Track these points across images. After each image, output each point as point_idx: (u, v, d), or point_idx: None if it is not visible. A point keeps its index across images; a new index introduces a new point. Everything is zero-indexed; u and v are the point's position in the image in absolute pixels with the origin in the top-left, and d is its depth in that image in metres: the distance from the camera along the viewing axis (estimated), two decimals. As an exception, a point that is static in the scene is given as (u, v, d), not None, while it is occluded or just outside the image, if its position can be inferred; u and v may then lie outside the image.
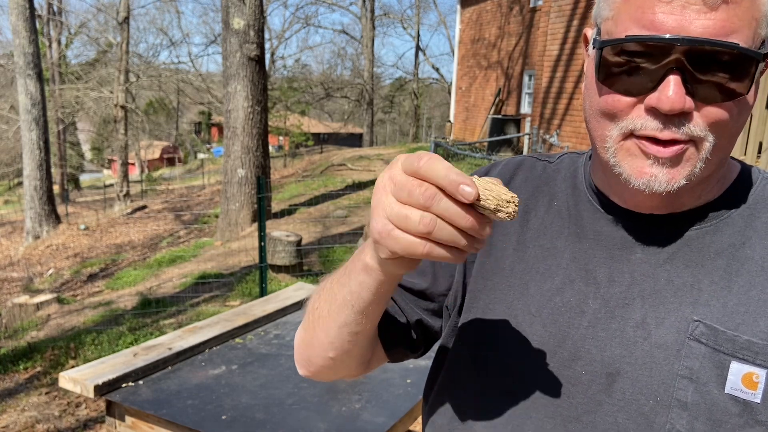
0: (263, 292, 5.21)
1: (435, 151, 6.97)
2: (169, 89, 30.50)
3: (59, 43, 24.32)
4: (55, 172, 19.92)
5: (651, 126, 0.59)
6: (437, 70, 38.08)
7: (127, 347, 4.07)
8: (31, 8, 12.05)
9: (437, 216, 0.51)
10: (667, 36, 0.57)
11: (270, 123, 14.11)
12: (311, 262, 7.12)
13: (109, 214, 16.39)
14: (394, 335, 0.81)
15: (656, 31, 0.57)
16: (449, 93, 23.92)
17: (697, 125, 0.59)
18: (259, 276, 5.49)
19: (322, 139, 31.57)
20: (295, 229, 7.95)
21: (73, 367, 3.54)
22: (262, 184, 5.45)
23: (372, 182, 11.85)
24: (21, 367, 4.68)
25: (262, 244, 5.34)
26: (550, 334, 0.69)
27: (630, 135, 0.62)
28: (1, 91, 23.61)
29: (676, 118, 0.59)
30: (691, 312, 0.63)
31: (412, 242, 0.52)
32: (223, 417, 1.85)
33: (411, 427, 3.05)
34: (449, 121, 19.14)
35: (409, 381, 2.12)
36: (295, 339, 0.85)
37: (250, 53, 9.00)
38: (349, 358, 0.76)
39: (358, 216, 9.16)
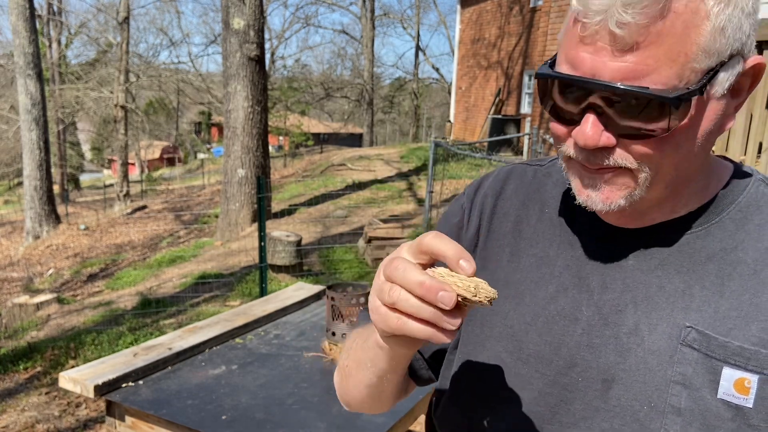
0: (263, 292, 5.21)
1: (435, 151, 6.96)
2: (169, 89, 30.49)
3: (59, 43, 24.31)
4: (55, 172, 19.92)
5: (580, 157, 0.62)
6: (437, 70, 38.10)
7: (127, 347, 4.07)
8: (31, 8, 12.05)
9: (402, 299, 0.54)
10: (577, 77, 0.57)
11: (270, 123, 14.11)
12: (311, 262, 7.12)
13: (109, 214, 16.39)
14: (417, 370, 0.87)
15: (576, 71, 0.58)
16: (449, 93, 23.92)
17: (623, 157, 0.60)
18: (259, 276, 5.49)
19: (322, 139, 31.56)
20: (295, 229, 7.95)
21: (73, 367, 3.54)
22: (262, 184, 5.45)
23: (372, 182, 11.84)
24: (21, 367, 4.68)
25: (262, 244, 5.34)
26: (546, 342, 0.70)
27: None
28: (1, 91, 23.61)
29: (599, 152, 0.60)
30: (683, 318, 0.64)
31: (386, 314, 0.56)
32: (223, 417, 1.85)
33: (411, 427, 3.05)
34: (449, 121, 19.14)
35: (409, 381, 2.12)
36: (334, 379, 0.92)
37: (250, 53, 9.00)
38: (381, 402, 0.83)
39: (358, 216, 9.16)
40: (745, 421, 0.60)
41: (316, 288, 3.09)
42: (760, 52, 4.17)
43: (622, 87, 0.55)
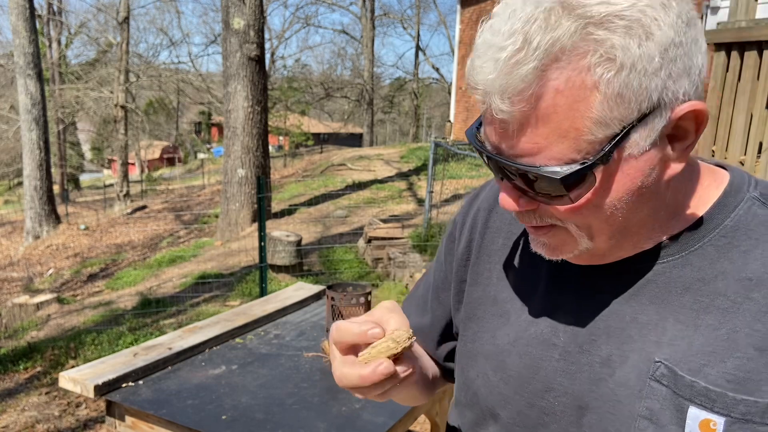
0: (263, 292, 5.21)
1: (435, 151, 6.96)
2: (169, 89, 30.50)
3: (59, 43, 24.32)
4: (55, 172, 19.92)
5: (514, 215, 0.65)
6: (437, 70, 38.10)
7: (127, 347, 4.07)
8: (31, 8, 12.05)
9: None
10: (485, 151, 0.59)
11: (270, 123, 14.11)
12: (311, 262, 7.13)
13: (109, 214, 16.40)
14: (443, 368, 0.94)
15: (486, 143, 0.60)
16: (449, 93, 23.92)
17: (549, 216, 0.61)
18: (259, 276, 5.50)
19: (322, 139, 31.57)
20: (295, 229, 7.95)
21: (73, 367, 3.54)
22: (262, 184, 5.45)
23: (372, 182, 11.85)
24: (21, 367, 4.68)
25: (262, 244, 5.34)
26: (525, 365, 0.71)
27: None
28: (1, 91, 23.61)
29: (525, 212, 0.62)
30: (654, 351, 0.62)
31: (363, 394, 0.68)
32: (223, 417, 1.85)
33: (411, 427, 3.05)
34: (449, 121, 19.13)
35: (409, 381, 2.12)
36: None
37: (250, 53, 9.00)
38: (414, 400, 0.91)
39: (358, 216, 9.16)
40: None
41: (316, 288, 3.09)
42: (760, 52, 4.18)
43: (515, 165, 0.56)
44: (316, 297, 3.01)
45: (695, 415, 0.59)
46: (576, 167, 0.54)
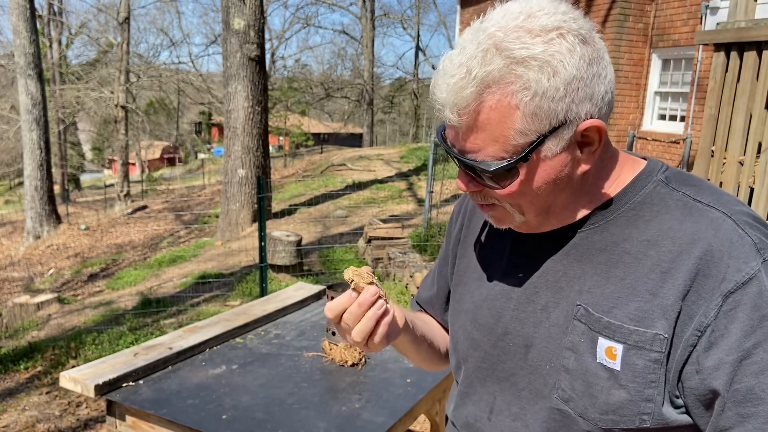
0: (263, 292, 5.22)
1: (435, 152, 6.97)
2: (169, 89, 30.49)
3: (60, 43, 24.32)
4: (56, 172, 19.91)
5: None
6: (437, 70, 37.90)
7: (127, 347, 4.08)
8: (32, 8, 12.06)
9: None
10: (446, 147, 0.80)
11: (270, 123, 14.11)
12: (311, 262, 7.13)
13: (109, 214, 16.40)
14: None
15: (448, 139, 0.80)
16: (449, 93, 23.83)
17: (489, 197, 0.82)
18: (259, 276, 5.50)
19: (322, 139, 31.55)
20: (295, 229, 7.95)
21: (73, 366, 3.55)
22: (263, 184, 5.46)
23: (372, 182, 11.85)
24: (22, 366, 4.68)
25: (263, 244, 5.35)
26: (491, 315, 0.91)
27: None
28: (2, 91, 23.62)
29: (474, 194, 0.83)
30: (576, 298, 0.81)
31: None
32: (224, 416, 1.86)
33: (411, 427, 3.05)
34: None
35: (409, 381, 2.13)
36: None
37: (251, 53, 9.01)
38: (429, 362, 1.12)
39: (358, 216, 9.17)
40: (617, 381, 0.76)
41: (316, 288, 3.09)
42: (759, 53, 4.18)
43: (463, 159, 0.77)
44: (316, 297, 3.02)
45: (602, 343, 0.77)
46: (503, 164, 0.75)
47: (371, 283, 0.82)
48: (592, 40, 0.75)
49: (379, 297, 0.82)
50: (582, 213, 0.84)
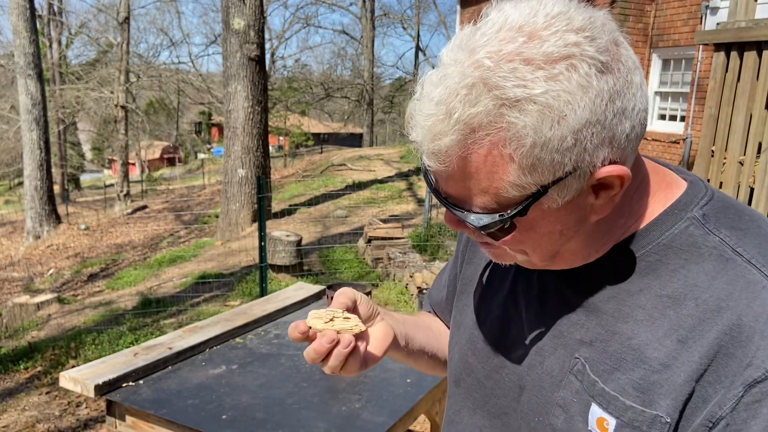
0: (263, 292, 5.22)
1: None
2: (169, 89, 30.49)
3: (60, 43, 24.32)
4: (56, 172, 19.91)
5: None
6: (437, 70, 37.93)
7: (127, 347, 4.07)
8: (32, 8, 12.06)
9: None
10: (429, 182, 0.67)
11: (270, 123, 14.10)
12: (311, 262, 7.13)
13: (109, 214, 16.40)
14: None
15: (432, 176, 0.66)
16: (449, 93, 23.86)
17: (484, 238, 0.67)
18: (259, 276, 5.50)
19: (322, 139, 31.55)
20: (295, 229, 7.95)
21: (73, 366, 3.55)
22: (263, 184, 5.46)
23: (372, 182, 11.85)
24: (21, 366, 4.68)
25: (262, 244, 5.34)
26: (489, 341, 0.81)
27: None
28: (2, 91, 23.62)
29: (459, 229, 0.68)
30: (577, 348, 0.68)
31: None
32: (224, 417, 1.85)
33: (411, 427, 3.05)
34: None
35: (408, 381, 2.13)
36: None
37: (250, 53, 9.01)
38: (441, 371, 1.00)
39: (358, 216, 9.17)
40: None
41: (316, 288, 3.09)
42: (760, 53, 4.18)
43: (447, 205, 0.63)
44: (316, 297, 3.02)
45: (595, 412, 0.65)
46: (495, 218, 0.60)
47: (331, 320, 0.74)
48: (615, 63, 0.57)
49: (336, 342, 0.73)
50: (596, 255, 0.69)
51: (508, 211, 0.60)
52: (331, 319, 0.74)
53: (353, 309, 0.77)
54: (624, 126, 0.58)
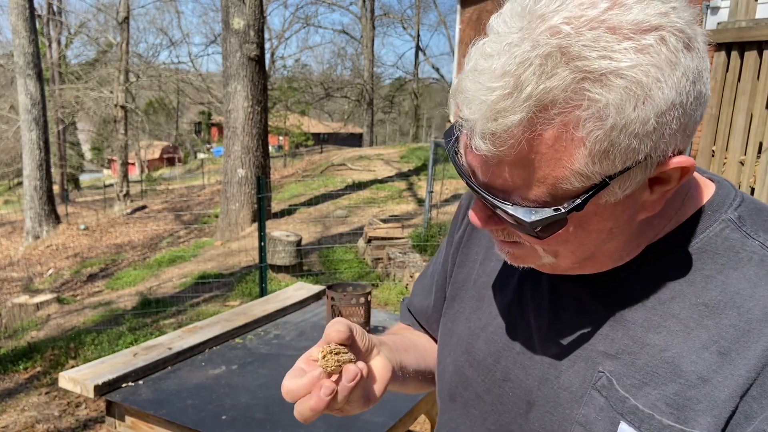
0: (263, 292, 5.21)
1: (435, 151, 6.96)
2: (169, 89, 30.49)
3: (59, 43, 24.32)
4: (55, 172, 19.92)
5: None
6: (437, 70, 38.03)
7: (127, 347, 4.07)
8: (31, 8, 12.05)
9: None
10: (461, 172, 0.57)
11: (270, 123, 14.11)
12: (311, 262, 7.12)
13: (109, 214, 16.39)
14: None
15: (461, 161, 0.57)
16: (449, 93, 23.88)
17: (514, 236, 0.60)
18: (259, 276, 5.49)
19: (322, 139, 31.57)
20: (295, 229, 7.95)
21: (73, 367, 3.54)
22: (262, 184, 5.45)
23: (372, 182, 11.85)
24: (21, 367, 4.67)
25: (262, 244, 5.34)
26: (489, 352, 0.73)
27: None
28: (1, 91, 23.60)
29: (490, 227, 0.60)
30: (600, 361, 0.61)
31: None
32: (223, 417, 1.85)
33: (411, 427, 3.05)
34: (449, 121, 19.15)
35: (409, 381, 2.12)
36: None
37: (250, 53, 9.00)
38: (422, 389, 0.91)
39: (358, 216, 9.16)
40: None
41: (316, 288, 3.08)
42: (760, 52, 4.18)
43: (488, 197, 0.54)
44: (316, 297, 3.01)
45: (624, 430, 0.58)
46: (548, 213, 0.52)
47: (324, 357, 0.64)
48: (696, 42, 0.50)
49: (336, 393, 0.63)
50: (628, 258, 0.62)
51: (565, 205, 0.52)
52: (324, 357, 0.64)
53: (351, 342, 0.67)
54: (698, 113, 0.52)
